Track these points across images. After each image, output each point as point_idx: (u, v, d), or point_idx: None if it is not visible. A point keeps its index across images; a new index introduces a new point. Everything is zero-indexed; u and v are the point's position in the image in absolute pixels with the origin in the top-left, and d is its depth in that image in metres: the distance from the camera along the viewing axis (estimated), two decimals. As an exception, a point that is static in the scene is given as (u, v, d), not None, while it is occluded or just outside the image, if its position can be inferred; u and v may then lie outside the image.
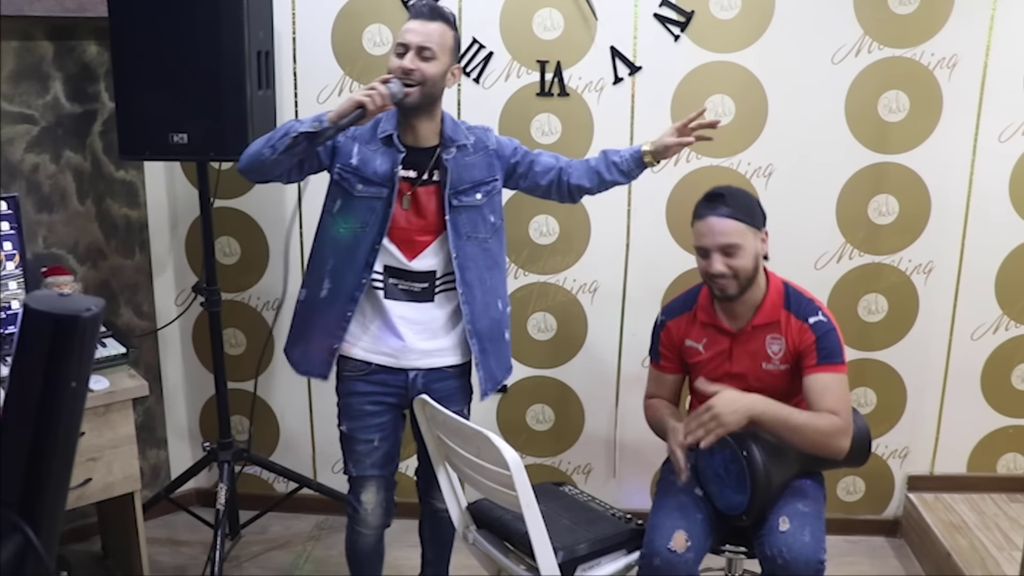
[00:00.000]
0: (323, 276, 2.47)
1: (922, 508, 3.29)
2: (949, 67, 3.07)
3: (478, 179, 2.48)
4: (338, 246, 2.44)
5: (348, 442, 2.57)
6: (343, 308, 2.47)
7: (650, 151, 2.54)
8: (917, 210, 3.19)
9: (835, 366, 2.44)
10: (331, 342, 2.50)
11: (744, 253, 2.40)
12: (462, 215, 2.45)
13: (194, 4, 2.66)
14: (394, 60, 2.35)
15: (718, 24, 3.07)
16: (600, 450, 3.48)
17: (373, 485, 2.58)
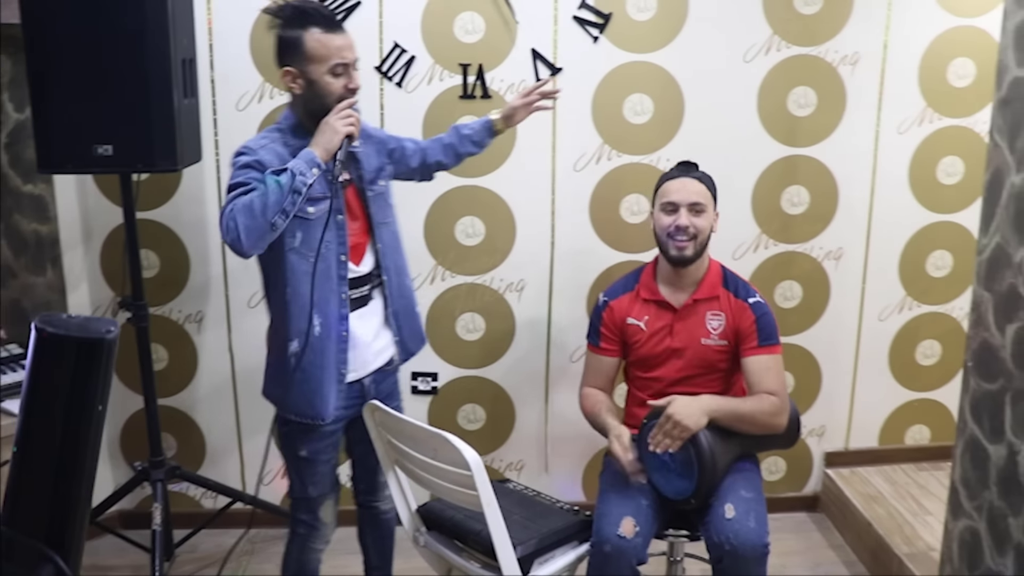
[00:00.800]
0: (311, 314, 2.32)
1: (840, 482, 3.47)
2: (851, 64, 3.24)
3: (377, 166, 2.48)
4: (312, 277, 2.30)
5: (308, 466, 2.48)
6: (338, 332, 2.38)
7: (499, 119, 2.64)
8: (826, 200, 3.36)
9: (773, 347, 2.59)
10: (338, 370, 2.40)
11: (707, 217, 2.60)
12: (375, 203, 2.44)
13: (117, 12, 2.57)
14: (335, 81, 2.25)
15: (635, 25, 3.16)
16: (532, 446, 3.53)
17: (332, 499, 2.55)
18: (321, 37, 2.22)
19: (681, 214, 2.58)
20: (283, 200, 2.13)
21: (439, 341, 3.41)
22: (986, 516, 2.41)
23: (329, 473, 2.52)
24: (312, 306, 2.31)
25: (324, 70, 2.23)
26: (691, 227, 2.56)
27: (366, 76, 3.14)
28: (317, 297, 2.32)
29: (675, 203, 2.59)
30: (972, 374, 2.48)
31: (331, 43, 2.23)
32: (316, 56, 2.22)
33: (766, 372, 2.55)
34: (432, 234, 3.31)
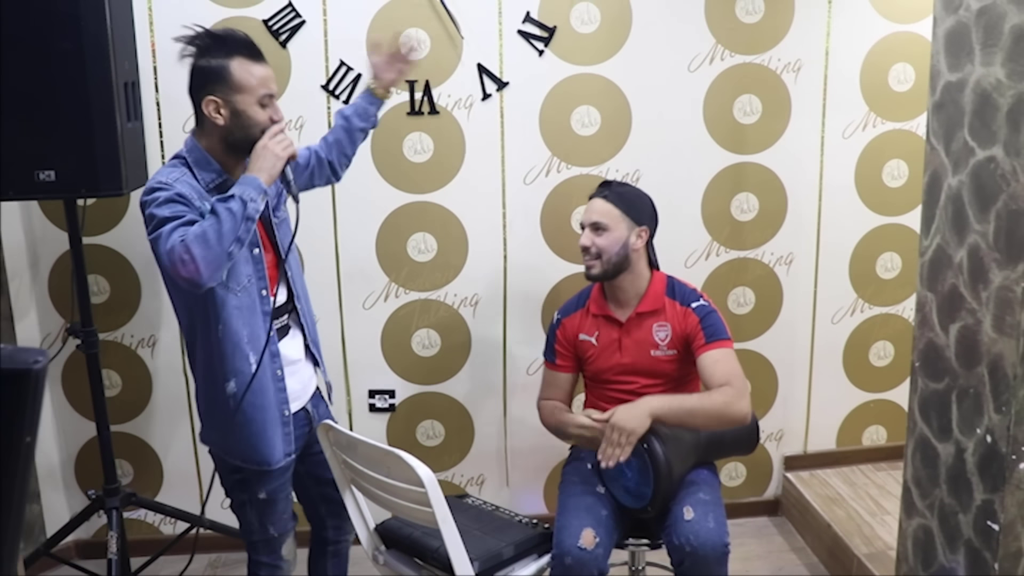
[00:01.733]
0: (245, 352, 2.23)
1: (799, 485, 3.49)
2: (795, 71, 3.29)
3: (275, 192, 2.36)
4: (242, 313, 2.22)
5: (268, 506, 2.38)
6: (272, 370, 2.30)
7: (375, 85, 2.60)
8: (775, 205, 3.39)
9: (722, 342, 2.59)
10: (280, 409, 2.33)
11: (610, 236, 2.59)
12: (281, 231, 2.37)
13: (55, 35, 2.55)
14: (262, 112, 2.17)
15: (580, 38, 3.18)
16: (492, 460, 3.52)
17: (291, 536, 2.48)
18: (248, 66, 2.15)
19: (584, 234, 2.63)
20: (238, 228, 2.04)
21: (395, 358, 3.40)
22: (937, 514, 2.44)
23: (285, 511, 2.45)
24: (245, 345, 2.23)
25: (252, 100, 2.16)
26: (592, 247, 2.60)
27: (313, 95, 3.15)
28: (248, 334, 2.24)
29: (582, 223, 2.65)
30: (919, 374, 2.51)
31: (257, 73, 2.17)
32: (243, 86, 2.15)
33: (715, 365, 2.55)
34: (384, 251, 3.30)
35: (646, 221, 2.64)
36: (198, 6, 3.06)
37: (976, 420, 2.25)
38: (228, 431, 2.29)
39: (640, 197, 2.68)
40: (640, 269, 2.66)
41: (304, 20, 3.10)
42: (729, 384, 2.51)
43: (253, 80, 2.16)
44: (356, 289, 3.33)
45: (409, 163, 3.23)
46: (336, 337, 3.35)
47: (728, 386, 2.51)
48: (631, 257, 2.62)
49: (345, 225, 3.27)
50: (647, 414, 2.43)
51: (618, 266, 2.61)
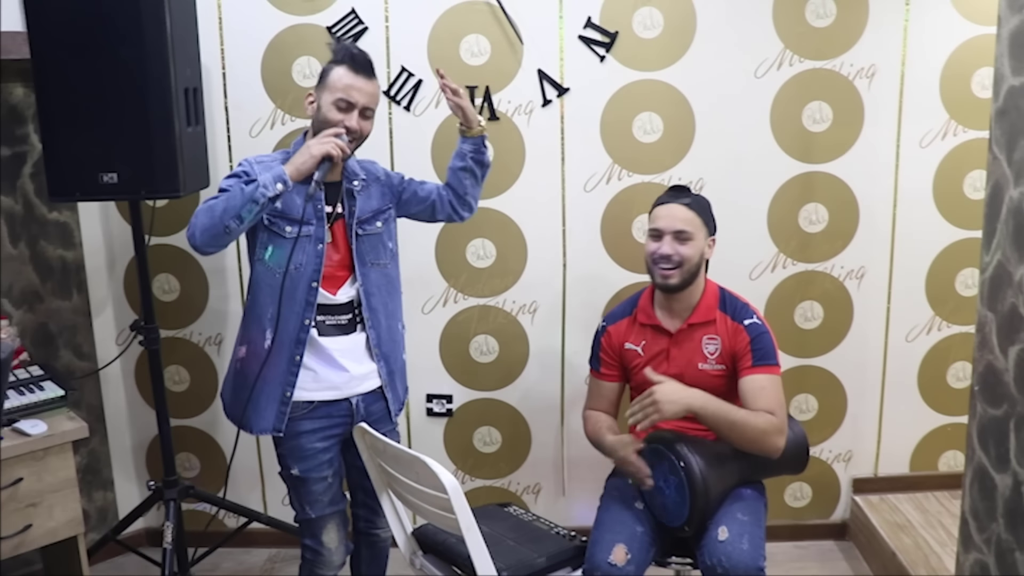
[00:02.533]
0: (264, 326, 2.42)
1: (868, 510, 3.34)
2: (868, 77, 3.14)
3: (376, 208, 2.54)
4: (276, 292, 2.39)
5: (302, 484, 2.52)
6: (291, 353, 2.43)
7: (461, 128, 2.64)
8: (846, 217, 3.26)
9: (769, 367, 2.50)
10: (283, 390, 2.45)
11: (693, 245, 2.52)
12: (365, 243, 2.49)
13: (118, 43, 2.65)
14: (336, 113, 2.37)
15: (642, 43, 3.13)
16: (548, 469, 3.49)
17: (333, 523, 2.57)
18: (342, 72, 2.38)
19: (665, 242, 2.53)
20: (240, 207, 2.23)
21: (453, 363, 3.41)
22: (994, 549, 2.29)
23: (325, 492, 2.53)
24: (267, 321, 2.41)
25: (330, 100, 2.37)
26: (675, 255, 2.52)
27: (375, 101, 3.19)
28: (273, 313, 2.41)
29: (660, 230, 2.55)
30: (978, 399, 2.37)
31: (345, 80, 2.37)
32: (331, 85, 2.38)
33: (760, 392, 2.47)
34: (443, 256, 3.31)
35: (713, 229, 2.61)
36: (266, 14, 3.14)
37: (1034, 450, 2.11)
38: (231, 390, 2.54)
39: (708, 203, 2.63)
40: (701, 279, 2.61)
41: (367, 27, 3.14)
42: (773, 414, 2.45)
43: (339, 83, 2.38)
44: (415, 293, 3.35)
45: (469, 169, 3.24)
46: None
47: (773, 416, 2.44)
48: (702, 266, 2.58)
49: (405, 229, 3.26)
50: (685, 405, 2.40)
51: (694, 276, 2.56)
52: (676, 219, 2.54)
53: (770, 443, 2.44)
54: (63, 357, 3.31)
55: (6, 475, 2.63)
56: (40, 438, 2.69)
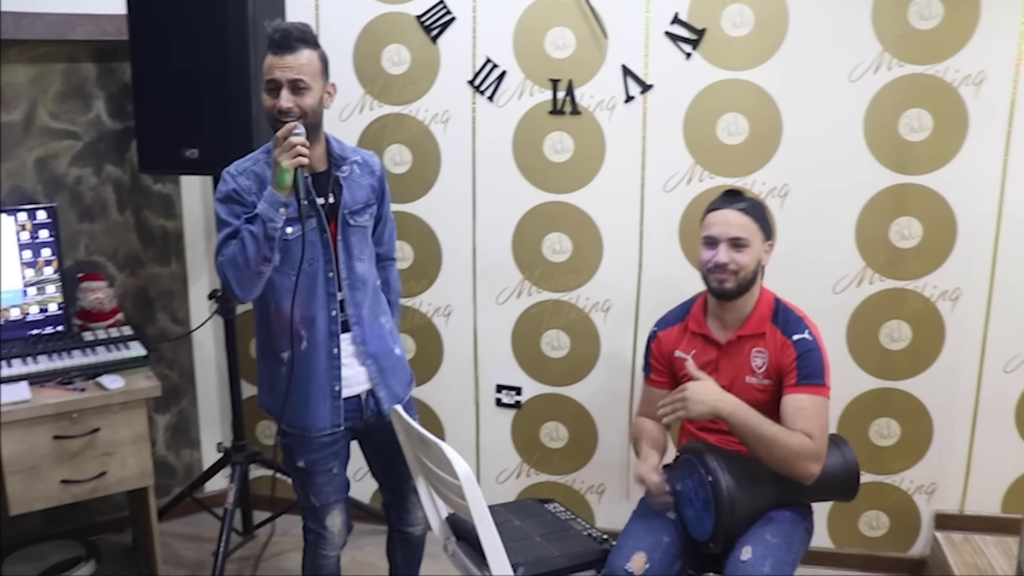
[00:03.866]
0: (298, 330, 2.41)
1: (947, 548, 3.11)
2: (975, 84, 2.92)
3: (365, 200, 2.49)
4: (300, 294, 2.38)
5: (307, 476, 2.54)
6: (327, 348, 2.44)
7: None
8: (942, 234, 3.04)
9: (814, 387, 2.39)
10: (331, 385, 2.47)
11: (750, 252, 2.44)
12: (354, 235, 2.45)
13: (203, 25, 2.80)
14: (267, 99, 2.30)
15: (731, 41, 3.02)
16: (614, 471, 3.44)
17: (337, 509, 2.59)
18: (267, 58, 2.30)
19: (720, 250, 2.43)
20: (261, 250, 2.23)
21: (524, 356, 3.41)
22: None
23: (329, 483, 2.55)
24: (295, 322, 2.38)
25: (262, 86, 2.32)
26: (731, 263, 2.42)
27: (460, 90, 3.22)
28: (300, 314, 2.39)
29: (714, 237, 2.45)
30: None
31: (267, 63, 2.30)
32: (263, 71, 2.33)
33: (799, 413, 2.35)
34: (520, 248, 3.31)
35: (771, 233, 2.51)
36: (360, 2, 3.22)
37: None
38: (279, 398, 2.47)
39: (764, 205, 2.55)
40: (757, 288, 2.51)
41: (454, 17, 3.17)
42: (811, 437, 2.33)
43: (265, 67, 2.31)
44: (490, 283, 3.37)
45: (548, 162, 3.22)
46: (469, 329, 3.42)
47: (810, 439, 2.32)
48: (759, 273, 2.49)
49: (483, 220, 3.32)
50: (714, 408, 2.34)
51: (750, 283, 2.47)
52: (731, 225, 2.44)
53: (801, 467, 2.32)
54: (159, 320, 3.52)
55: (85, 424, 2.84)
56: (117, 392, 2.87)
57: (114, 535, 3.54)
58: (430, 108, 3.26)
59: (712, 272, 2.47)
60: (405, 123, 3.29)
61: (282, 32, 2.27)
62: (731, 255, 2.43)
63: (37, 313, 3.10)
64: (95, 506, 3.44)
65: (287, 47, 2.27)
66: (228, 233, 2.31)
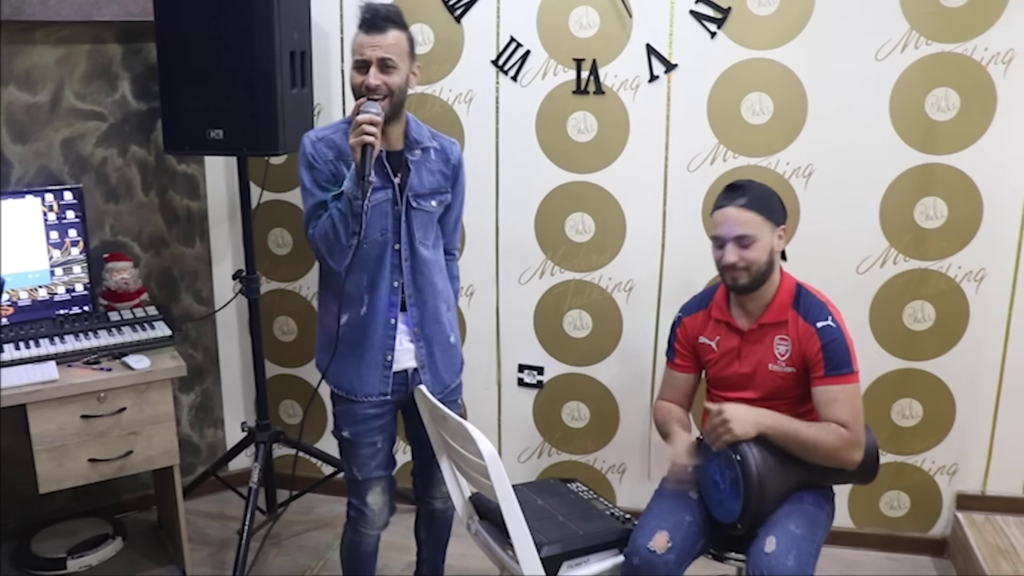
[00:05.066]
0: (360, 295, 2.47)
1: (968, 528, 3.12)
2: (1004, 62, 2.89)
3: (436, 187, 2.51)
4: (366, 261, 2.44)
5: (351, 447, 2.59)
6: (386, 317, 2.49)
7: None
8: (968, 214, 3.02)
9: (844, 376, 2.38)
10: (383, 355, 2.51)
11: (758, 246, 2.41)
12: (417, 219, 2.48)
13: (229, 7, 2.80)
14: (356, 76, 2.35)
15: (756, 20, 3.00)
16: (635, 451, 3.45)
17: (379, 486, 2.62)
18: (357, 36, 2.37)
19: (727, 250, 2.42)
20: (348, 224, 2.31)
21: (546, 335, 3.42)
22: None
23: (372, 457, 2.58)
24: (363, 289, 2.46)
25: (351, 64, 2.39)
26: (740, 261, 2.41)
27: (483, 69, 3.22)
28: (368, 280, 2.46)
29: (721, 237, 2.44)
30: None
31: (357, 40, 2.37)
32: (352, 50, 2.40)
33: (832, 404, 2.36)
34: (542, 228, 3.32)
35: (782, 219, 2.47)
36: (383, -19, 3.21)
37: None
38: (332, 358, 2.52)
39: (772, 195, 2.48)
40: (776, 276, 2.49)
41: (478, -4, 3.17)
42: (847, 427, 2.34)
43: (354, 46, 2.38)
44: (513, 263, 3.37)
45: (572, 142, 3.22)
46: (491, 308, 3.43)
47: (846, 429, 2.34)
48: (774, 262, 2.46)
49: (506, 199, 3.32)
50: (756, 424, 2.35)
51: (766, 274, 2.45)
52: (734, 224, 2.42)
53: (844, 458, 2.36)
54: (184, 300, 3.54)
55: (112, 403, 2.87)
56: (143, 372, 2.91)
57: (140, 513, 3.59)
58: (454, 88, 3.25)
59: (725, 271, 2.46)
60: (429, 103, 3.28)
61: (372, 11, 2.33)
62: (739, 253, 2.41)
63: (64, 294, 3.13)
64: (122, 484, 3.48)
65: (376, 26, 2.33)
66: (313, 204, 2.39)
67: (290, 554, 3.35)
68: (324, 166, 2.40)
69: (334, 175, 2.39)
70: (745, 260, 2.41)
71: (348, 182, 2.30)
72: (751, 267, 2.42)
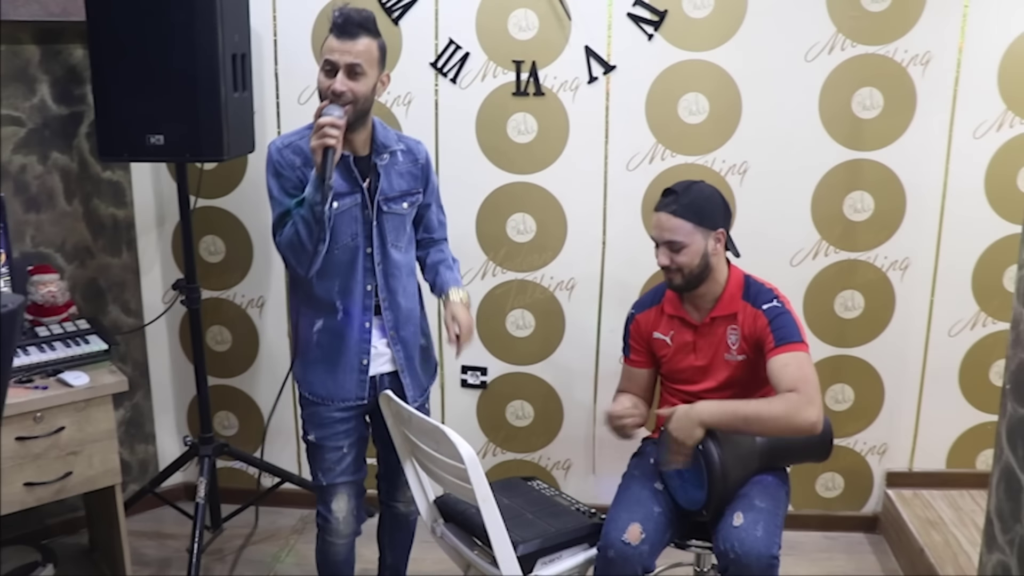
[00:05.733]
0: (333, 300, 2.45)
1: (900, 504, 3.29)
2: (923, 64, 3.07)
3: (406, 188, 2.51)
4: (338, 266, 2.43)
5: (317, 451, 2.57)
6: (360, 321, 2.48)
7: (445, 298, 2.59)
8: (892, 207, 3.19)
9: (792, 345, 2.45)
10: (360, 358, 2.50)
11: (688, 251, 2.48)
12: (388, 222, 2.47)
13: (169, 8, 2.72)
14: (323, 79, 2.32)
15: (691, 23, 3.09)
16: (579, 446, 3.51)
17: (344, 492, 2.58)
18: (328, 40, 2.33)
19: (661, 252, 2.52)
20: (313, 231, 2.27)
21: (489, 336, 3.43)
22: (1017, 551, 2.25)
23: (339, 462, 2.56)
24: (335, 295, 2.45)
25: (320, 66, 2.35)
26: (672, 265, 2.50)
27: (422, 72, 3.21)
28: (340, 286, 2.44)
29: (655, 240, 2.54)
30: (1009, 397, 2.31)
31: (328, 44, 2.32)
32: (321, 52, 2.35)
33: (783, 369, 2.41)
34: (483, 229, 3.33)
35: (721, 222, 2.52)
36: (318, -17, 3.17)
37: (1061, 453, 2.06)
38: (307, 364, 2.52)
39: (709, 199, 2.53)
40: (719, 273, 2.56)
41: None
42: (796, 390, 2.37)
43: (324, 50, 2.33)
44: (454, 265, 3.37)
45: (512, 143, 3.24)
46: (432, 310, 3.40)
47: (793, 392, 2.37)
48: (711, 263, 2.53)
49: (447, 201, 3.26)
50: (698, 423, 2.39)
51: (700, 276, 2.52)
52: (663, 230, 2.51)
53: (798, 421, 2.34)
54: (111, 312, 3.41)
55: (49, 423, 2.74)
56: (82, 389, 2.79)
57: (68, 537, 3.42)
58: (392, 90, 3.23)
59: (662, 270, 2.56)
60: (366, 106, 3.25)
61: (344, 16, 2.29)
62: (670, 257, 2.50)
63: (-13, 309, 2.97)
64: (49, 508, 3.32)
65: (348, 32, 2.29)
66: (281, 213, 2.36)
67: (236, 569, 3.26)
68: (292, 173, 2.36)
69: (302, 181, 2.35)
70: (676, 264, 2.50)
71: (309, 187, 2.27)
72: (683, 270, 2.50)
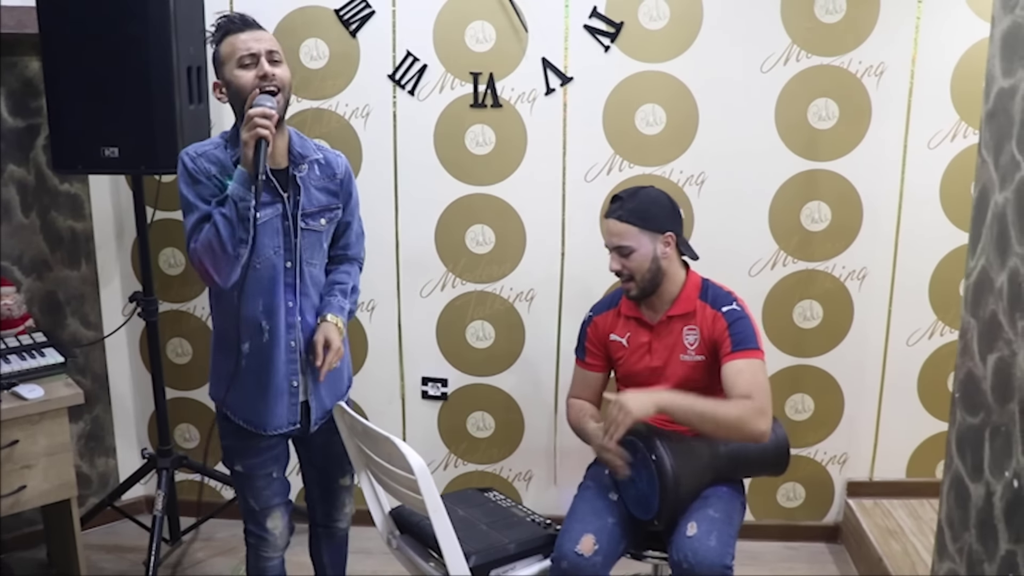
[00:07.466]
0: (258, 321, 2.32)
1: (860, 514, 3.30)
2: (877, 75, 3.09)
3: (324, 204, 2.40)
4: (261, 283, 2.30)
5: (246, 480, 2.47)
6: (287, 341, 2.35)
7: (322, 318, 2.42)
8: (849, 217, 3.21)
9: (748, 352, 2.46)
10: (290, 380, 2.38)
11: (637, 255, 2.50)
12: (306, 239, 2.36)
13: (123, 20, 2.71)
14: (243, 74, 2.20)
15: (647, 35, 3.10)
16: (540, 457, 3.50)
17: (279, 511, 2.51)
18: (230, 38, 2.24)
19: (611, 258, 2.55)
20: (236, 231, 2.15)
21: (449, 347, 3.43)
22: (966, 560, 2.26)
23: (269, 486, 2.48)
24: (259, 315, 2.31)
25: (235, 66, 2.22)
26: (623, 270, 2.53)
27: (380, 84, 3.21)
28: (263, 305, 2.32)
29: (607, 246, 2.56)
30: (958, 406, 2.33)
31: (238, 39, 2.22)
32: (228, 56, 2.23)
33: (737, 375, 2.42)
34: (442, 241, 3.33)
35: (669, 225, 2.53)
36: (274, -4, 3.18)
37: (1005, 462, 2.07)
38: (233, 389, 2.36)
39: (655, 203, 2.54)
40: (674, 274, 2.57)
41: (374, 11, 3.16)
42: (750, 398, 2.39)
43: (233, 46, 2.22)
44: (414, 276, 3.37)
45: (470, 155, 3.25)
46: (393, 322, 3.42)
47: (748, 400, 2.38)
48: (663, 266, 2.54)
49: (406, 213, 3.32)
50: (654, 403, 2.37)
51: (654, 280, 2.54)
52: (611, 235, 2.54)
53: (749, 429, 2.36)
54: (70, 325, 3.39)
55: (2, 437, 2.72)
56: (37, 402, 2.78)
57: (25, 552, 3.40)
58: (350, 103, 3.23)
59: (618, 278, 2.58)
60: (325, 118, 3.25)
61: (238, 15, 2.26)
62: (620, 262, 2.53)
63: (-58, 322, 2.96)
64: (5, 522, 3.29)
65: (250, 24, 2.25)
66: (198, 218, 2.20)
67: (195, 583, 3.25)
68: (208, 181, 2.23)
69: (220, 189, 2.22)
70: (628, 269, 2.52)
71: (234, 184, 2.15)
72: (634, 275, 2.52)
